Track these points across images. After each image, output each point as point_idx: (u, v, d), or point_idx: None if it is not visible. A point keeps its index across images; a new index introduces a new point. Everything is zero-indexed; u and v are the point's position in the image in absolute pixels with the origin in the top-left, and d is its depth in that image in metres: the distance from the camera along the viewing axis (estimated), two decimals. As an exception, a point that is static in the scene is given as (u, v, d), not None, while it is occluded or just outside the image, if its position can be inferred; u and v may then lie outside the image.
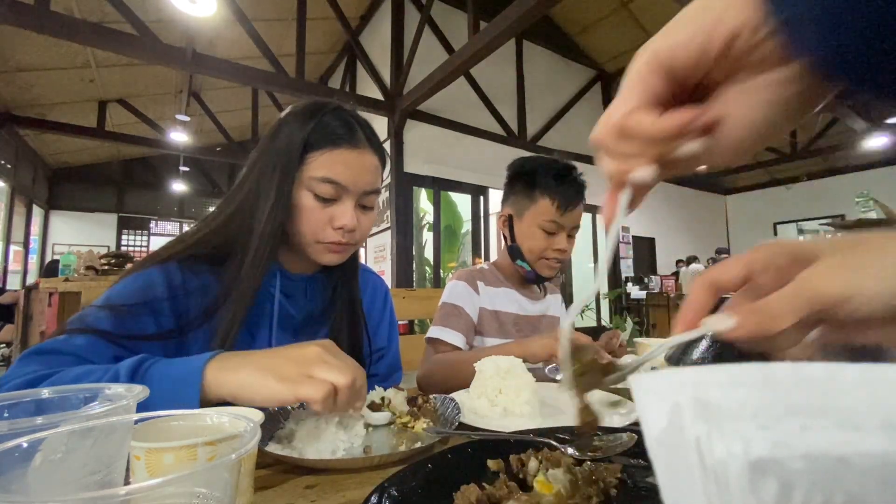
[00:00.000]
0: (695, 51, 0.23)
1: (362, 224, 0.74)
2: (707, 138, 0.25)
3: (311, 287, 0.79)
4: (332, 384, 0.49)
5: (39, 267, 7.82)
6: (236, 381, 0.50)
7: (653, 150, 0.25)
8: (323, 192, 0.69)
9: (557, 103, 6.60)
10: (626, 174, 0.27)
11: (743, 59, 0.23)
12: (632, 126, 0.25)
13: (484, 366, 0.74)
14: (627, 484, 0.40)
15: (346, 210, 0.71)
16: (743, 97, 0.24)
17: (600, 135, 0.27)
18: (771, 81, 0.23)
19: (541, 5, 3.17)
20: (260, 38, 4.51)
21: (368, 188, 0.73)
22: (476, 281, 1.17)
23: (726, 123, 0.24)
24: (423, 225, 6.18)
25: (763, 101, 0.23)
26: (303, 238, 0.71)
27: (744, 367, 0.13)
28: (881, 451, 0.11)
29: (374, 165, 0.74)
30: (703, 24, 0.23)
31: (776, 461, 0.11)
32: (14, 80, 5.64)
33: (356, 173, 0.71)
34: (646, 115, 0.24)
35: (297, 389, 0.49)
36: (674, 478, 0.14)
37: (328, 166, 0.69)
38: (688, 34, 0.23)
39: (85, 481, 0.27)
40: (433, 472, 0.41)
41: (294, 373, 0.50)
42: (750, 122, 0.24)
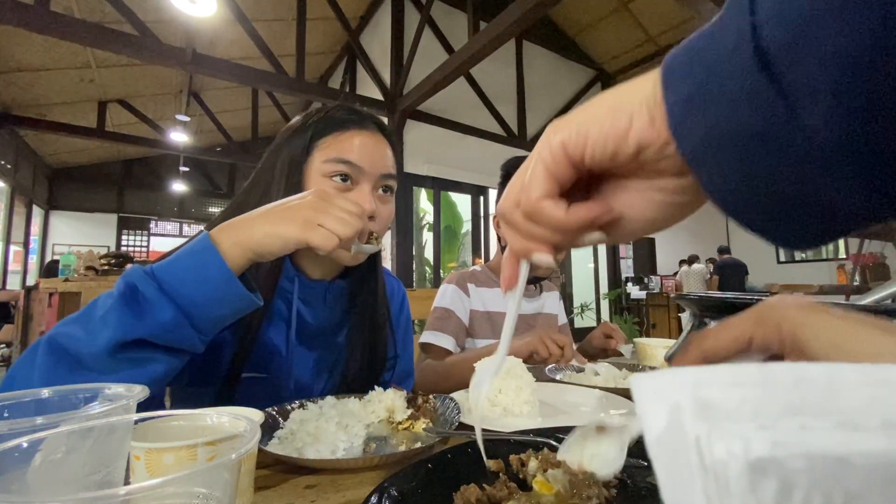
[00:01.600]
0: (608, 153, 0.24)
1: (381, 213, 0.70)
2: (605, 229, 0.28)
3: (330, 294, 0.76)
4: (337, 237, 0.53)
5: (39, 267, 7.82)
6: (257, 235, 0.52)
7: (557, 237, 0.28)
8: (337, 171, 0.66)
9: (557, 103, 6.60)
10: (529, 252, 0.29)
11: (646, 166, 0.24)
12: (545, 214, 0.27)
13: (484, 366, 0.74)
14: (627, 484, 0.40)
15: (364, 193, 0.67)
16: (641, 198, 0.26)
17: (508, 211, 0.29)
18: (668, 187, 0.25)
19: (541, 5, 3.17)
20: (260, 38, 4.51)
21: (385, 171, 0.70)
22: (466, 283, 1.18)
23: (625, 219, 0.27)
24: (423, 225, 6.18)
25: (660, 202, 0.26)
26: None
27: (744, 367, 0.13)
28: (881, 451, 0.11)
29: (386, 149, 0.72)
30: (615, 129, 0.24)
31: (776, 461, 0.11)
32: (14, 80, 5.64)
33: (370, 153, 0.68)
34: (556, 205, 0.27)
35: (311, 235, 0.52)
36: (674, 478, 0.14)
37: (338, 147, 0.67)
38: (601, 135, 0.24)
39: (85, 481, 0.27)
40: (433, 472, 0.41)
41: (307, 216, 0.53)
42: (647, 219, 0.27)
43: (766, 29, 0.17)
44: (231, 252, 0.51)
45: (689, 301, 0.57)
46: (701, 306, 0.56)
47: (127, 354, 0.47)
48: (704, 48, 0.20)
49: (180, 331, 0.48)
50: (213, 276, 0.49)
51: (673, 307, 6.20)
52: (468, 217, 5.93)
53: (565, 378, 0.90)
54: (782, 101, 0.17)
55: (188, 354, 0.52)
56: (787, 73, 0.17)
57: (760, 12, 0.18)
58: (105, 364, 0.46)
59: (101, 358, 0.46)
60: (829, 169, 0.18)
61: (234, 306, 0.52)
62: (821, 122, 0.17)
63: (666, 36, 6.25)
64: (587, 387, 0.81)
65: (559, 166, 0.26)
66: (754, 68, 0.18)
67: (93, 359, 0.46)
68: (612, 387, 0.81)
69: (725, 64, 0.19)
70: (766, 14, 0.17)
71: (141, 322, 0.46)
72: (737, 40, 0.18)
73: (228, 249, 0.50)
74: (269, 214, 0.53)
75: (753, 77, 0.18)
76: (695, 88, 0.20)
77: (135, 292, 0.47)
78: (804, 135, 0.17)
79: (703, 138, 0.20)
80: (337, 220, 0.54)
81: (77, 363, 0.46)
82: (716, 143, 0.20)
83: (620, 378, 0.92)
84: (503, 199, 0.30)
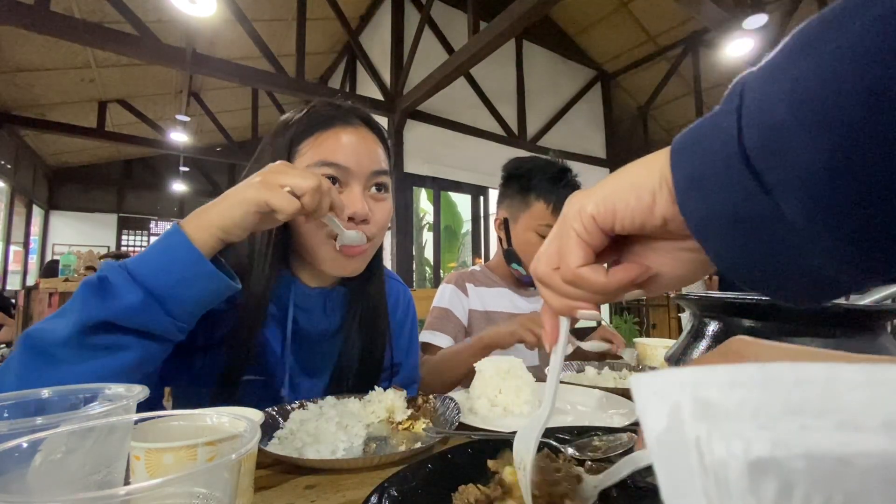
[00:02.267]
0: (636, 225, 0.27)
1: (376, 214, 0.65)
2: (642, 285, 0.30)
3: (330, 301, 0.73)
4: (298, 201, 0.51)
5: (39, 267, 7.82)
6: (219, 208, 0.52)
7: (599, 298, 0.30)
8: (325, 175, 0.61)
9: (557, 103, 6.60)
10: (572, 310, 0.31)
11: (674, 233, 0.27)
12: (586, 280, 0.29)
13: (484, 366, 0.74)
14: (627, 484, 0.40)
15: (355, 195, 0.63)
16: (672, 257, 0.29)
17: (546, 275, 0.31)
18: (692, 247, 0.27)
19: (541, 5, 3.17)
20: (260, 38, 4.51)
21: (376, 167, 0.65)
22: (465, 283, 1.18)
23: (659, 277, 0.29)
24: (423, 225, 6.18)
25: (689, 260, 0.28)
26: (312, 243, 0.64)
27: (744, 367, 0.13)
28: (881, 451, 0.11)
29: (375, 145, 0.67)
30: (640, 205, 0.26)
31: (776, 461, 0.11)
32: (14, 80, 5.64)
33: (356, 151, 0.63)
34: (596, 272, 0.29)
35: (268, 195, 0.50)
36: (674, 478, 0.14)
37: (322, 149, 0.62)
38: (628, 210, 0.27)
39: (85, 481, 0.27)
40: (433, 472, 0.41)
41: (265, 177, 0.52)
42: (678, 275, 0.29)
43: (747, 133, 0.20)
44: (198, 234, 0.51)
45: (689, 301, 0.57)
46: (701, 306, 0.56)
47: (94, 340, 0.46)
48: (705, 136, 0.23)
49: (149, 313, 0.47)
50: (180, 257, 0.49)
51: (673, 307, 6.19)
52: (468, 217, 5.92)
53: (565, 378, 0.90)
54: (765, 194, 0.20)
55: (167, 342, 0.51)
56: (766, 173, 0.20)
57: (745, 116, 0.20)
58: (74, 353, 0.46)
59: (69, 345, 0.45)
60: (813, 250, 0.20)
61: (206, 287, 0.51)
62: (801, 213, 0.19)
63: (666, 36, 6.24)
64: (587, 387, 0.81)
65: (592, 236, 0.29)
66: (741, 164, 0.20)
67: (62, 348, 0.45)
68: (612, 387, 0.81)
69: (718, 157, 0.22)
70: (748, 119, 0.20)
71: (104, 303, 0.46)
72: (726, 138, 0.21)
73: (195, 231, 0.51)
74: (232, 189, 0.53)
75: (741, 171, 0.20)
76: (695, 173, 0.23)
77: (103, 280, 0.47)
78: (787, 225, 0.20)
79: (704, 217, 0.23)
80: (297, 175, 0.52)
81: (50, 357, 0.46)
82: (715, 222, 0.23)
83: (620, 378, 0.92)
84: (538, 262, 0.32)
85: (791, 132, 0.18)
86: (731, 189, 0.21)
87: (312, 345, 0.73)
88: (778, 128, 0.19)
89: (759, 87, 0.20)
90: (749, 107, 0.20)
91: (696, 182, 0.23)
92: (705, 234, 0.24)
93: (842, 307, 0.45)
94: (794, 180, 0.19)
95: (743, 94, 0.21)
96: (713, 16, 3.48)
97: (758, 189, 0.20)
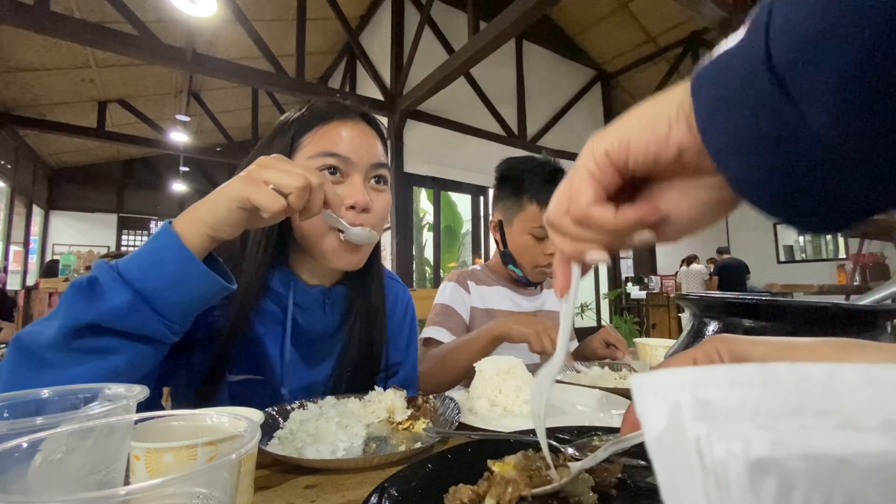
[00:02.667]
0: (650, 158, 0.26)
1: (376, 205, 0.67)
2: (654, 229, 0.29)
3: (329, 299, 0.73)
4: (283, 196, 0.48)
5: (39, 267, 7.82)
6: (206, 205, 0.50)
7: (608, 239, 0.29)
8: (325, 165, 0.63)
9: (557, 103, 6.60)
10: (581, 254, 0.31)
11: (687, 167, 0.26)
12: (595, 218, 0.28)
13: (484, 366, 0.74)
14: (627, 484, 0.40)
15: (356, 185, 0.64)
16: (686, 196, 0.28)
17: (557, 219, 0.31)
18: (709, 185, 0.27)
19: (541, 5, 3.17)
20: (260, 38, 4.51)
21: (376, 160, 0.67)
22: (466, 281, 1.18)
23: (671, 218, 0.29)
24: (423, 225, 6.18)
25: (702, 200, 0.28)
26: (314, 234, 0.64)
27: (744, 367, 0.13)
28: (881, 451, 0.11)
29: (374, 139, 0.69)
30: (656, 134, 0.26)
31: (776, 461, 0.11)
32: (14, 80, 5.64)
33: (357, 143, 0.65)
34: (605, 209, 0.28)
35: (252, 192, 0.48)
36: (674, 478, 0.14)
37: (323, 141, 0.64)
38: (643, 140, 0.26)
39: (85, 481, 0.27)
40: (433, 472, 0.41)
41: (250, 172, 0.49)
42: (691, 217, 0.28)
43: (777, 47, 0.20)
44: (188, 232, 0.49)
45: (689, 301, 0.57)
46: (701, 306, 0.56)
47: (83, 343, 0.45)
48: (727, 62, 0.23)
49: (138, 315, 0.46)
50: (170, 256, 0.48)
51: (673, 307, 6.19)
52: (468, 217, 5.92)
53: (565, 378, 0.90)
54: (792, 107, 0.20)
55: (159, 343, 0.50)
56: (795, 84, 0.19)
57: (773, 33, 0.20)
58: (63, 356, 0.45)
59: (57, 349, 0.45)
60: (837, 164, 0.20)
61: (198, 287, 0.49)
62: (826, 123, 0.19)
63: (666, 36, 6.24)
64: (587, 387, 0.81)
65: (604, 173, 0.28)
66: (767, 80, 0.20)
67: (50, 351, 0.45)
68: (612, 387, 0.81)
69: (744, 76, 0.21)
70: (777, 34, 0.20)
71: (90, 305, 0.45)
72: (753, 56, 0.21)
73: (185, 230, 0.49)
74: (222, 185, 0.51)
75: (767, 87, 0.20)
76: (718, 97, 0.23)
77: (91, 281, 0.46)
78: (813, 136, 0.20)
79: (726, 141, 0.23)
80: (283, 173, 0.49)
81: (39, 360, 0.45)
82: (738, 145, 0.22)
83: (620, 378, 0.92)
84: (551, 207, 0.31)
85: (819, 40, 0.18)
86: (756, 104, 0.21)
87: (311, 343, 0.73)
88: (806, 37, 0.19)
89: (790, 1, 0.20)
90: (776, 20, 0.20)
91: (718, 104, 0.23)
92: (726, 157, 0.23)
93: (842, 307, 0.45)
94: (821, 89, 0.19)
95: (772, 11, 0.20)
96: (713, 16, 3.47)
97: (783, 100, 0.20)
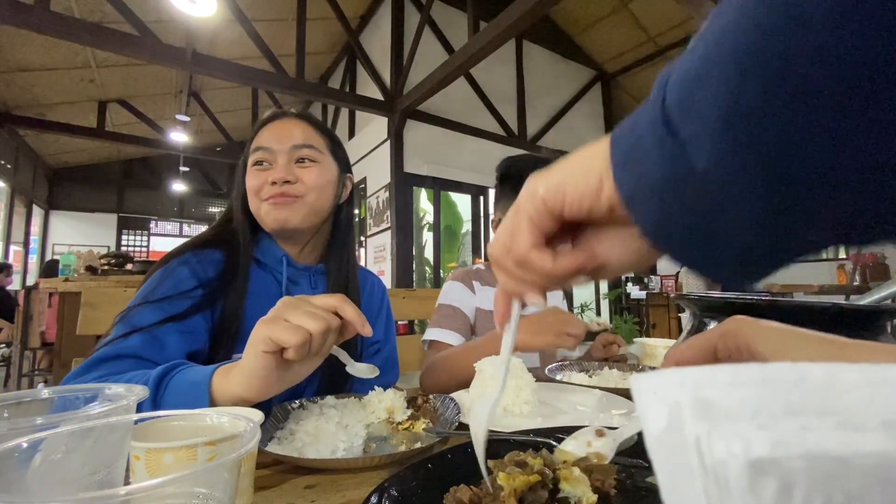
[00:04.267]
0: (584, 210, 0.27)
1: (303, 178, 0.78)
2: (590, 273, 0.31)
3: (314, 277, 0.85)
4: (307, 331, 0.50)
5: (39, 267, 7.82)
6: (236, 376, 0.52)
7: (546, 282, 0.31)
8: (256, 159, 0.78)
9: (557, 103, 6.60)
10: (521, 294, 0.32)
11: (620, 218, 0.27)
12: (533, 264, 0.30)
13: (484, 366, 0.73)
14: (627, 484, 0.40)
15: (279, 166, 0.77)
16: (620, 244, 0.29)
17: (499, 257, 0.32)
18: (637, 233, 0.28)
19: (541, 5, 3.17)
20: (260, 38, 4.51)
21: (297, 142, 0.79)
22: (472, 281, 1.17)
23: (607, 264, 0.30)
24: (423, 225, 6.18)
25: (635, 247, 0.28)
26: (254, 206, 0.78)
27: (744, 367, 0.13)
28: (881, 451, 0.11)
29: (298, 126, 0.81)
30: (588, 189, 0.27)
31: (776, 461, 0.11)
32: (14, 80, 5.64)
33: (278, 134, 0.79)
34: (543, 256, 0.30)
35: (270, 330, 0.49)
36: (674, 478, 0.14)
37: (255, 141, 0.80)
38: (577, 194, 0.27)
39: (85, 481, 0.27)
40: (433, 472, 0.41)
41: (273, 312, 0.52)
42: (624, 262, 0.29)
43: (668, 95, 0.21)
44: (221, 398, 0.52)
45: (689, 301, 0.57)
46: (701, 306, 0.56)
47: None
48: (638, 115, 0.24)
49: None
50: None
51: (673, 307, 6.18)
52: (468, 217, 5.92)
53: (565, 378, 0.90)
54: (680, 150, 0.21)
55: None
56: (681, 129, 0.20)
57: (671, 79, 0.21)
58: None
59: None
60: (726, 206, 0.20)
61: None
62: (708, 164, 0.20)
63: (666, 36, 6.24)
64: (587, 387, 0.81)
65: (542, 219, 0.29)
66: (662, 125, 0.21)
67: None
68: (612, 387, 0.81)
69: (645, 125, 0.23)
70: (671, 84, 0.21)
71: None
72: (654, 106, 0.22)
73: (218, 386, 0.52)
74: None
75: (661, 133, 0.21)
76: (628, 148, 0.24)
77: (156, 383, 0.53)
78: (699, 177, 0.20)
79: (633, 187, 0.24)
80: (304, 314, 0.51)
81: None
82: (642, 193, 0.23)
83: (620, 378, 0.92)
84: (494, 243, 0.33)
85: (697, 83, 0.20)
86: (653, 153, 0.22)
87: None
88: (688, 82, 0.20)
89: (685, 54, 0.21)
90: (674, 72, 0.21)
91: (628, 154, 0.24)
92: (633, 205, 0.24)
93: (842, 307, 0.45)
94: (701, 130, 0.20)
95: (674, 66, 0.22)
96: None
97: (674, 147, 0.21)
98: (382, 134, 5.13)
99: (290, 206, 0.77)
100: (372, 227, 5.49)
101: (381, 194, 5.23)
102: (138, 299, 0.67)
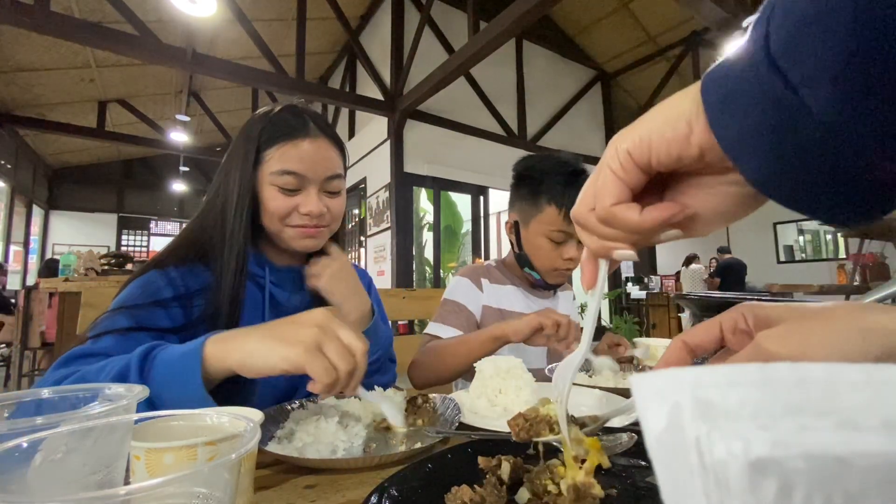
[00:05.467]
0: (673, 157, 0.26)
1: (332, 208, 0.77)
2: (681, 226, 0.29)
3: (299, 278, 0.82)
4: (336, 373, 0.49)
5: (39, 267, 7.82)
6: (243, 350, 0.51)
7: (635, 238, 0.29)
8: (285, 184, 0.72)
9: (557, 103, 6.60)
10: (607, 251, 0.31)
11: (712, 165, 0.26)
12: (619, 218, 0.29)
13: (484, 366, 0.73)
14: (627, 484, 0.40)
15: (311, 197, 0.74)
16: (714, 193, 0.28)
17: (583, 216, 0.31)
18: (737, 180, 0.26)
19: (541, 5, 3.17)
20: (260, 38, 4.51)
21: (329, 174, 0.76)
22: (480, 278, 1.15)
23: (699, 215, 0.29)
24: (423, 225, 6.18)
25: (731, 196, 0.27)
26: (275, 227, 0.75)
27: (744, 367, 0.13)
28: (881, 451, 0.11)
29: (330, 152, 0.77)
30: (676, 134, 0.26)
31: (776, 461, 0.11)
32: (14, 80, 5.64)
33: (314, 161, 0.74)
34: (629, 210, 0.28)
35: (308, 360, 0.48)
36: (674, 478, 0.14)
37: (285, 159, 0.73)
38: (664, 141, 0.26)
39: (85, 481, 0.27)
40: (433, 472, 0.41)
41: (306, 337, 0.50)
42: (720, 213, 0.28)
43: (774, 37, 0.21)
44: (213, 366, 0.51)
45: (689, 301, 0.57)
46: (701, 306, 0.56)
47: None
48: (733, 59, 0.23)
49: None
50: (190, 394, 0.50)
51: (673, 307, 6.18)
52: (468, 217, 5.92)
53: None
54: (792, 94, 0.20)
55: None
56: (792, 71, 0.20)
57: (772, 25, 0.21)
58: None
59: None
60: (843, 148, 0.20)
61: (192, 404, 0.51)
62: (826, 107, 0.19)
63: (666, 36, 6.24)
64: (587, 387, 0.81)
65: (628, 172, 0.28)
66: (768, 69, 0.21)
67: None
68: (612, 387, 0.81)
69: (747, 69, 0.22)
70: (775, 26, 0.21)
71: None
72: (755, 49, 0.21)
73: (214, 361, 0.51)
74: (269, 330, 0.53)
75: (768, 76, 0.21)
76: (726, 93, 0.23)
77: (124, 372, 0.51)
78: (815, 121, 0.20)
79: (736, 135, 0.23)
80: (338, 354, 0.51)
81: None
82: (747, 138, 0.23)
83: (620, 378, 0.92)
84: (577, 204, 0.31)
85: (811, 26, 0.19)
86: (759, 96, 0.21)
87: None
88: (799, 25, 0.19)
89: None
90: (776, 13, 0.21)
91: (726, 99, 0.23)
92: (738, 152, 0.23)
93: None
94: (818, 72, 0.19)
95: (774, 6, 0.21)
96: (713, 16, 3.47)
97: (785, 90, 0.20)
98: (382, 134, 5.13)
99: (318, 236, 0.77)
100: (372, 227, 5.49)
101: (381, 194, 5.22)
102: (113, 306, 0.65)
